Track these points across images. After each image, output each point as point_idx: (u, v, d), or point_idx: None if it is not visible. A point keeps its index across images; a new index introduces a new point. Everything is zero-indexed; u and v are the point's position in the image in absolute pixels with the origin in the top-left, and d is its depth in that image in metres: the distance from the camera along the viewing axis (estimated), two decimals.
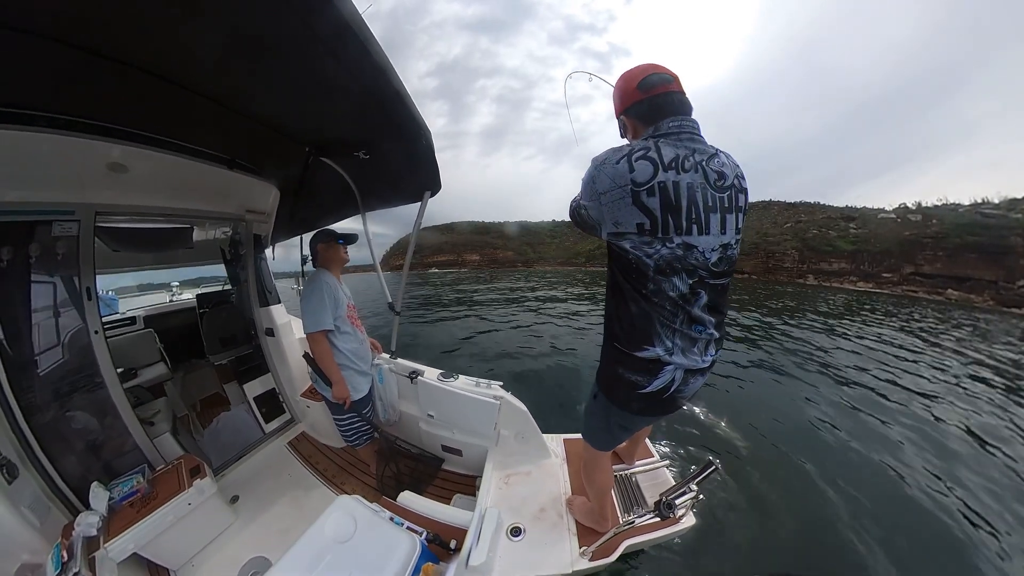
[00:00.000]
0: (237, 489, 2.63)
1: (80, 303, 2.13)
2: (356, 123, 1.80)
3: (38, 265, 1.94)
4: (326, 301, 2.19)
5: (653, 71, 1.17)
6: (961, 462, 4.02)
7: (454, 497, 2.44)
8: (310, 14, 0.99)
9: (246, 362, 3.48)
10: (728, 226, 1.14)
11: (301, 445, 3.18)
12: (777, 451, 3.94)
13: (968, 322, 20.20)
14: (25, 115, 1.49)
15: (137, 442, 2.32)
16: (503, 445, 2.45)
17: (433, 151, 2.02)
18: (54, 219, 1.98)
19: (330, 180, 2.50)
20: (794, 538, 2.79)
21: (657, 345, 1.18)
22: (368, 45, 1.13)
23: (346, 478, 2.79)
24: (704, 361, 1.24)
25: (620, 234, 1.13)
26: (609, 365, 1.34)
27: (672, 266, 1.11)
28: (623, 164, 1.08)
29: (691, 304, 1.16)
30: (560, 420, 4.28)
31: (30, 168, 1.73)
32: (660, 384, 1.22)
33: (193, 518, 2.08)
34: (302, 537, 1.54)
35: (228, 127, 1.81)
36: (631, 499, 2.05)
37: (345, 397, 2.26)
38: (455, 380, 2.64)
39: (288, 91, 1.50)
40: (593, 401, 1.52)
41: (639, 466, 2.25)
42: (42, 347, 1.98)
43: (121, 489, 1.96)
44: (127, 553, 1.80)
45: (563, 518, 1.95)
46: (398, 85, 1.38)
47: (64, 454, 1.99)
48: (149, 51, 1.19)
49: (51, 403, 1.99)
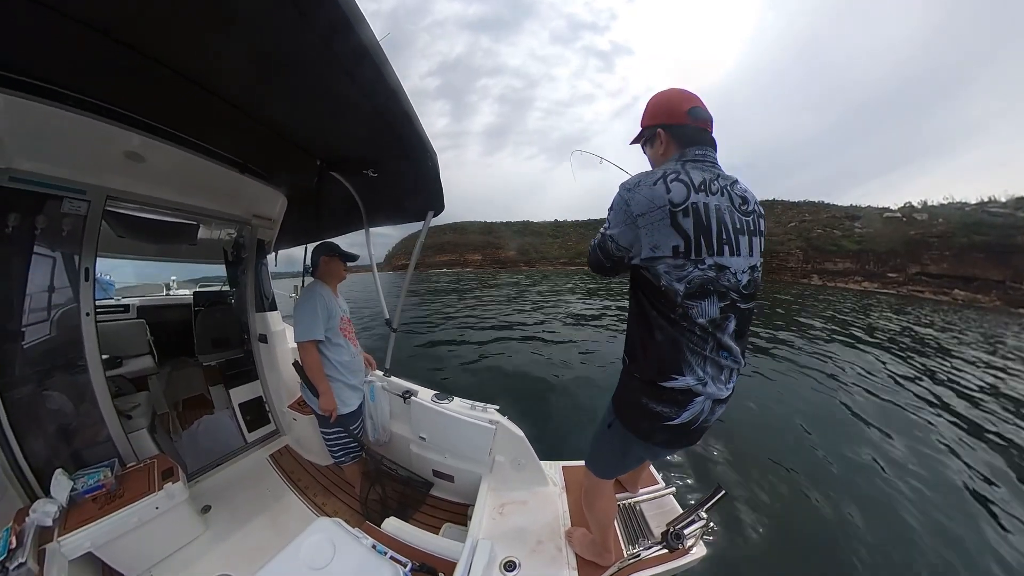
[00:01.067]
0: (210, 498, 2.50)
1: (76, 282, 2.11)
2: (366, 141, 1.90)
3: (42, 237, 1.95)
4: (319, 312, 2.20)
5: (701, 104, 1.22)
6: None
7: (443, 526, 2.32)
8: (332, 36, 1.08)
9: (235, 366, 3.42)
10: (754, 248, 1.17)
11: (283, 459, 3.05)
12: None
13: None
14: (57, 92, 1.54)
15: (111, 434, 2.22)
16: (498, 472, 2.33)
17: (438, 172, 2.11)
18: (65, 195, 2.00)
19: (338, 194, 2.57)
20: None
21: (688, 374, 1.14)
22: (383, 68, 1.21)
23: (328, 498, 2.66)
24: (728, 388, 1.21)
25: (656, 259, 1.10)
26: (630, 394, 1.27)
27: (704, 289, 1.10)
28: (660, 186, 1.09)
29: (721, 330, 1.14)
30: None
31: (51, 143, 1.78)
32: (689, 416, 1.18)
33: (159, 523, 1.98)
34: (274, 558, 1.41)
35: (244, 132, 1.89)
36: (636, 530, 1.91)
37: (331, 409, 2.22)
38: (449, 402, 2.56)
39: (305, 105, 1.60)
40: (607, 429, 1.43)
41: (643, 494, 2.12)
42: (30, 320, 1.94)
43: (86, 481, 1.87)
44: (81, 551, 1.70)
45: (562, 551, 1.81)
46: (408, 107, 1.48)
47: (32, 433, 1.91)
48: (180, 52, 1.27)
49: (29, 378, 1.93)
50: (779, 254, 70.83)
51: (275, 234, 3.39)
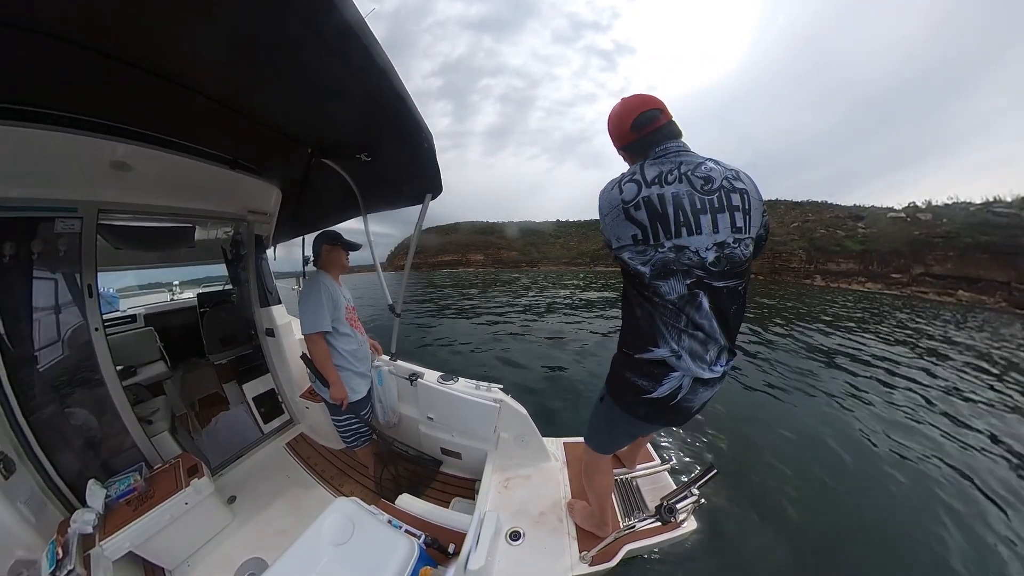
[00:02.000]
0: (234, 489, 2.61)
1: (81, 300, 2.13)
2: (358, 125, 1.81)
3: (40, 261, 1.94)
4: (324, 303, 2.19)
5: (642, 108, 1.29)
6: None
7: (453, 500, 2.43)
8: (313, 16, 1.00)
9: (246, 362, 3.47)
10: (721, 225, 1.17)
11: (299, 446, 3.16)
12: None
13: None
14: (30, 112, 1.50)
15: (135, 440, 2.30)
16: (503, 448, 2.43)
17: (434, 153, 2.04)
18: (57, 216, 1.98)
19: (332, 181, 2.51)
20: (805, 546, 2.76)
21: (662, 345, 1.22)
22: (371, 48, 1.14)
23: (344, 480, 2.77)
24: (714, 371, 1.25)
25: (621, 247, 1.25)
26: (618, 369, 1.38)
27: (667, 268, 1.18)
28: (615, 190, 1.25)
29: (692, 306, 1.19)
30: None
31: (34, 165, 1.74)
32: (666, 390, 1.25)
33: (190, 517, 2.06)
34: (299, 539, 1.52)
35: (231, 127, 1.82)
36: (632, 503, 2.02)
37: (342, 398, 2.26)
38: (455, 383, 2.62)
39: (290, 92, 1.52)
40: (599, 403, 1.54)
41: (640, 470, 2.23)
42: (42, 343, 1.98)
43: (118, 487, 1.95)
44: (123, 551, 1.79)
45: (563, 522, 1.92)
46: (400, 87, 1.40)
47: (61, 450, 1.97)
48: (154, 51, 1.21)
49: (50, 399, 1.98)
50: (782, 254, 68.96)
51: (272, 228, 3.36)
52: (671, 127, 1.28)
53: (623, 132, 1.33)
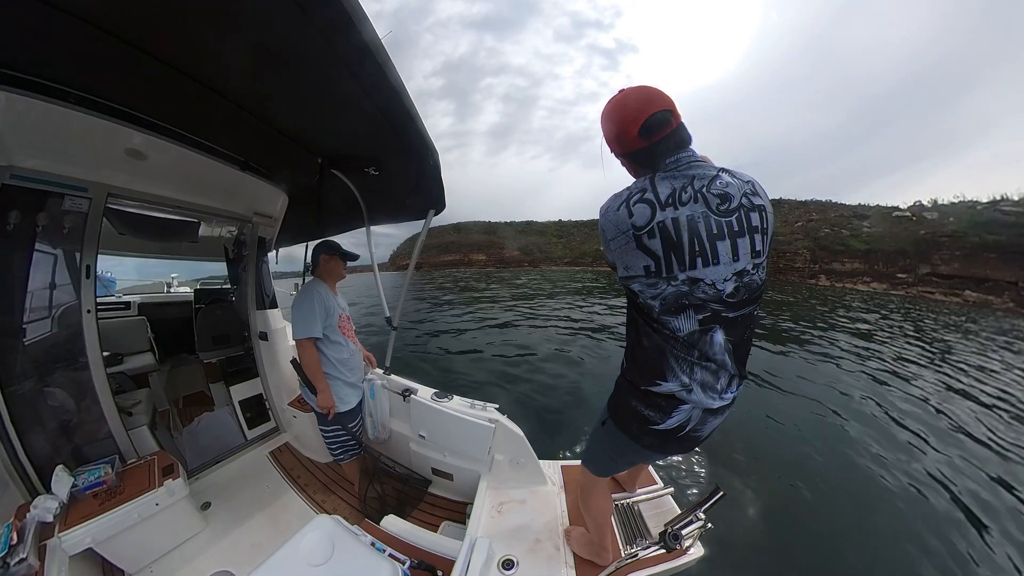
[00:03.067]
0: (210, 495, 2.51)
1: (78, 279, 2.11)
2: (368, 140, 1.89)
3: (43, 235, 1.94)
4: (316, 309, 2.20)
5: (652, 109, 1.08)
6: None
7: (442, 524, 2.33)
8: (334, 34, 1.07)
9: (236, 364, 3.43)
10: (741, 251, 1.05)
11: (283, 456, 3.05)
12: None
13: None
14: (58, 89, 1.54)
15: (112, 430, 2.22)
16: (497, 471, 2.34)
17: (439, 171, 2.11)
18: (67, 193, 1.99)
19: (339, 192, 2.56)
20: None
21: (671, 380, 1.14)
22: (385, 67, 1.21)
23: (327, 496, 2.66)
24: (723, 399, 1.18)
25: (630, 278, 1.13)
26: (622, 396, 1.30)
27: (679, 304, 1.07)
28: (623, 211, 1.08)
29: (703, 342, 1.10)
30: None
31: (53, 140, 1.77)
32: (674, 423, 1.18)
33: (159, 520, 1.98)
34: (273, 556, 1.41)
35: (245, 130, 1.89)
36: (634, 530, 1.92)
37: (329, 407, 2.23)
38: (449, 400, 2.55)
39: (306, 103, 1.60)
40: (601, 427, 1.46)
41: (641, 494, 2.12)
42: (31, 317, 1.94)
43: (87, 477, 1.87)
44: (82, 547, 1.70)
45: (560, 550, 1.81)
46: (410, 107, 1.48)
47: (33, 429, 1.90)
48: (180, 50, 1.27)
49: (30, 375, 1.93)
50: (786, 254, 68.20)
51: (276, 232, 3.39)
52: (682, 132, 1.11)
53: (628, 138, 1.11)
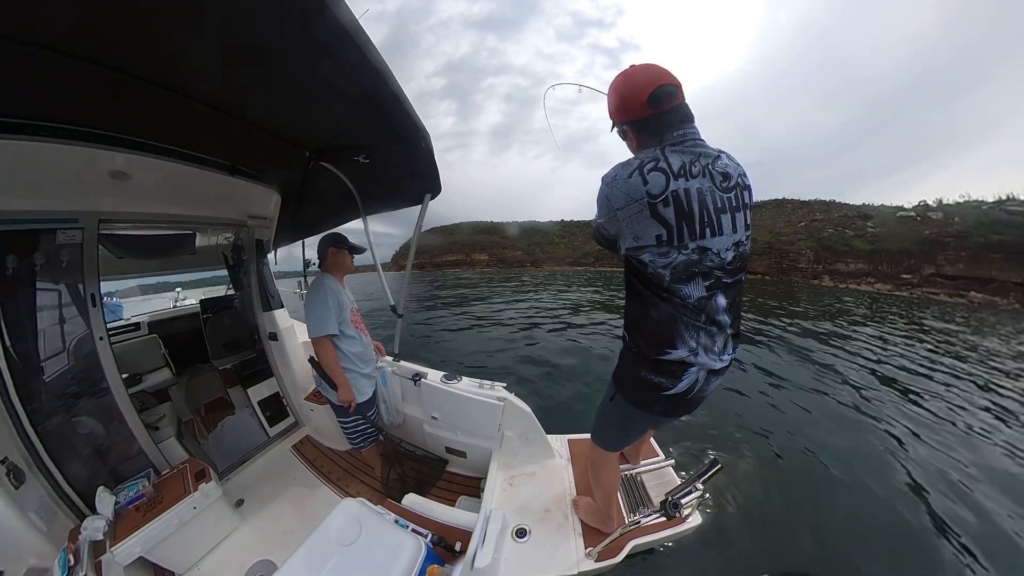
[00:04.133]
0: (242, 493, 2.62)
1: (85, 310, 2.14)
2: (355, 127, 1.82)
3: (43, 273, 1.95)
4: (331, 306, 2.20)
5: (661, 81, 1.14)
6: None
7: (459, 499, 2.43)
8: (307, 19, 0.99)
9: (250, 366, 3.48)
10: (738, 224, 1.17)
11: (305, 448, 3.17)
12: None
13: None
14: (27, 125, 1.50)
15: (142, 447, 2.31)
16: (507, 446, 2.44)
17: (432, 154, 2.03)
18: (58, 227, 1.99)
19: (331, 184, 2.50)
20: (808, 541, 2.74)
21: (680, 347, 1.20)
22: (366, 49, 1.13)
23: (350, 481, 2.78)
24: (723, 360, 1.26)
25: (640, 248, 1.14)
26: (630, 367, 1.34)
27: (689, 272, 1.13)
28: (636, 178, 1.09)
29: (709, 306, 1.18)
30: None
31: (33, 177, 1.74)
32: (684, 386, 1.24)
33: (198, 522, 2.07)
34: (307, 540, 1.54)
35: (228, 133, 1.82)
36: (637, 499, 2.03)
37: (350, 400, 2.27)
38: (458, 382, 2.64)
39: (287, 96, 1.52)
40: (609, 403, 1.51)
41: (644, 465, 2.23)
42: (48, 353, 1.99)
43: (127, 494, 1.96)
44: (133, 557, 1.80)
45: (568, 519, 1.93)
46: (396, 89, 1.39)
47: (70, 459, 1.99)
48: (148, 59, 1.20)
49: (57, 409, 1.99)
50: (789, 254, 65.96)
51: (272, 232, 3.37)
52: (687, 109, 1.18)
53: (636, 104, 1.17)
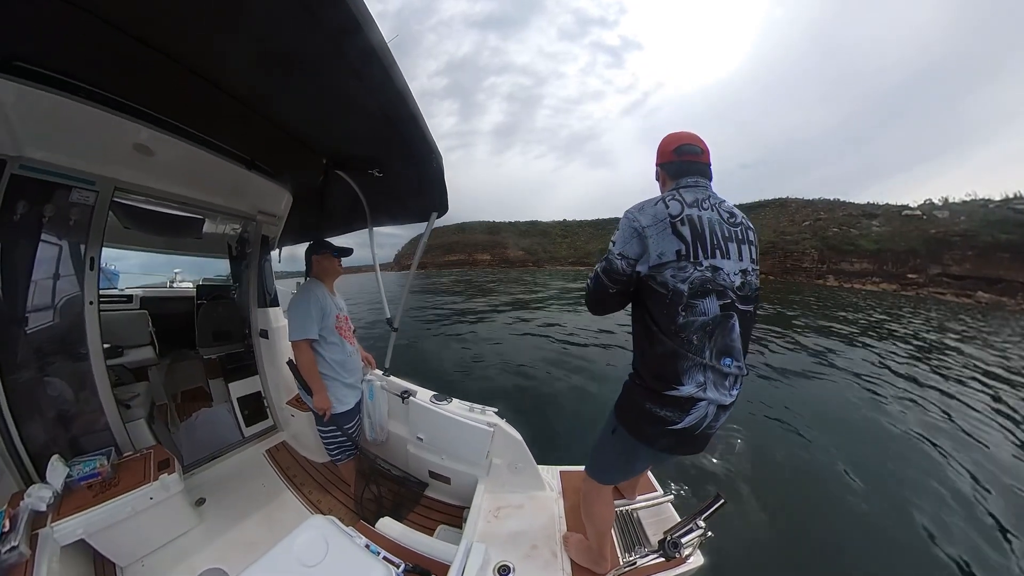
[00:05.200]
0: (205, 491, 2.51)
1: (81, 271, 2.13)
2: (372, 141, 1.91)
3: (49, 226, 1.96)
4: (311, 311, 2.20)
5: (689, 142, 1.42)
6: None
7: (438, 528, 2.31)
8: (341, 36, 1.08)
9: (235, 360, 3.43)
10: (744, 255, 1.31)
11: (280, 455, 3.04)
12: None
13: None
14: (69, 83, 1.56)
15: (109, 422, 2.22)
16: (495, 475, 2.32)
17: (443, 174, 2.15)
18: (74, 185, 2.02)
19: (343, 193, 2.57)
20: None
21: (687, 383, 1.23)
22: (391, 71, 1.23)
23: (323, 496, 2.65)
24: (731, 395, 1.27)
25: (663, 264, 1.24)
26: (635, 400, 1.35)
27: (704, 288, 1.22)
28: (660, 205, 1.30)
29: (723, 330, 1.23)
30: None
31: (62, 133, 1.80)
32: (692, 420, 1.24)
33: (153, 514, 1.98)
34: (266, 555, 1.41)
35: (252, 129, 1.91)
36: (633, 537, 1.89)
37: (326, 408, 2.22)
38: (448, 403, 2.56)
39: (312, 104, 1.61)
40: (611, 436, 1.47)
41: (641, 501, 2.10)
42: (34, 306, 1.95)
43: (82, 468, 1.87)
44: (74, 537, 1.70)
45: (557, 557, 1.79)
46: (414, 109, 1.49)
47: (31, 418, 1.91)
48: (192, 49, 1.29)
49: (30, 363, 1.94)
50: (793, 254, 66.42)
51: (279, 231, 3.41)
52: (705, 168, 1.41)
53: (667, 151, 1.45)
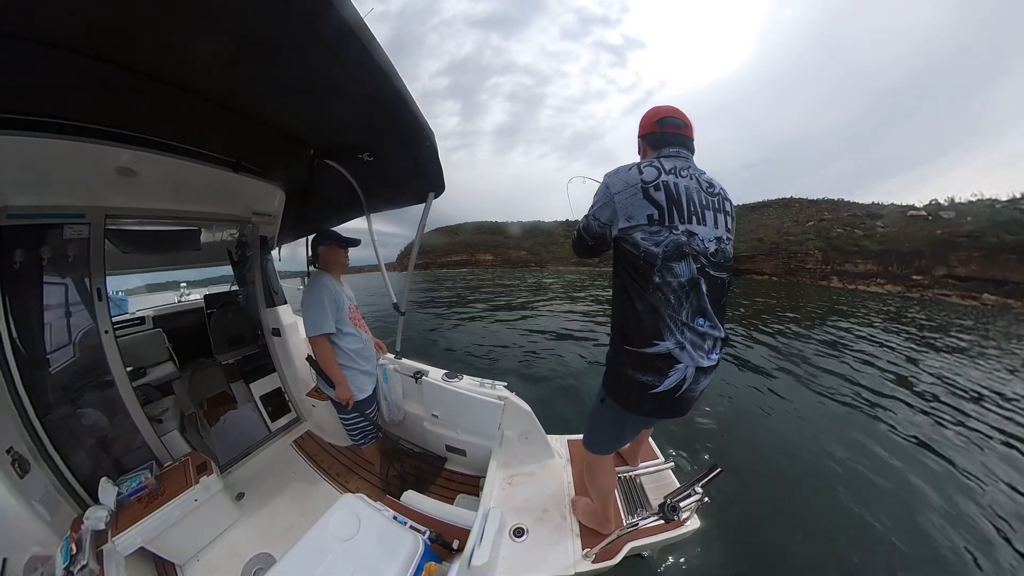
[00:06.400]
0: (243, 486, 2.65)
1: (91, 304, 2.17)
2: (359, 126, 1.82)
3: (50, 267, 1.99)
4: (326, 304, 2.19)
5: (672, 114, 1.45)
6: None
7: (458, 497, 2.44)
8: (312, 18, 0.99)
9: (252, 362, 3.52)
10: (719, 223, 1.35)
11: (306, 444, 3.19)
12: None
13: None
14: (35, 122, 1.52)
15: (145, 439, 2.34)
16: (507, 445, 2.42)
17: (436, 152, 2.03)
18: (65, 222, 2.02)
19: (335, 182, 2.51)
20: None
21: (667, 338, 1.27)
22: (370, 48, 1.14)
23: (350, 477, 2.80)
24: (711, 359, 1.32)
25: (632, 227, 1.29)
26: (618, 368, 1.39)
27: (680, 251, 1.26)
28: (634, 171, 1.33)
29: (696, 292, 1.27)
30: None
31: (41, 173, 1.78)
32: (672, 383, 1.28)
33: (199, 514, 2.09)
34: (305, 535, 1.56)
35: (234, 130, 1.83)
36: (635, 501, 2.02)
37: (348, 398, 2.26)
38: (459, 380, 2.64)
39: (292, 94, 1.53)
40: (600, 405, 1.54)
41: (643, 468, 2.22)
42: (54, 346, 2.02)
43: (129, 485, 1.99)
44: (134, 547, 1.83)
45: (566, 519, 1.93)
46: (400, 87, 1.39)
47: (74, 450, 2.02)
48: (154, 57, 1.21)
49: (62, 400, 2.02)
50: (797, 255, 64.80)
51: (277, 229, 3.38)
52: (687, 140, 1.43)
53: (649, 122, 1.48)
